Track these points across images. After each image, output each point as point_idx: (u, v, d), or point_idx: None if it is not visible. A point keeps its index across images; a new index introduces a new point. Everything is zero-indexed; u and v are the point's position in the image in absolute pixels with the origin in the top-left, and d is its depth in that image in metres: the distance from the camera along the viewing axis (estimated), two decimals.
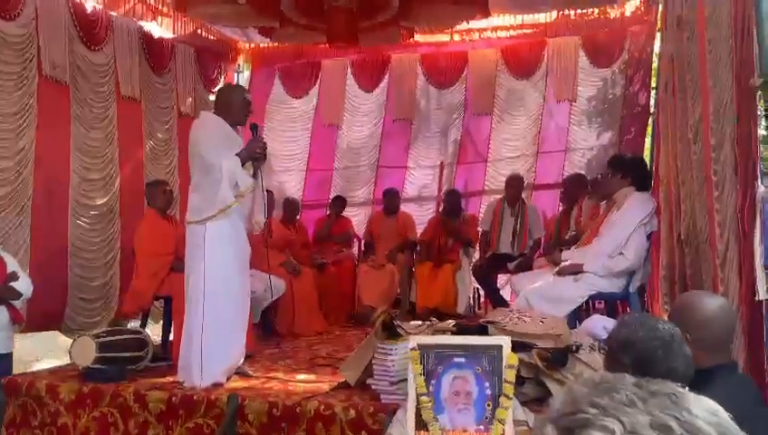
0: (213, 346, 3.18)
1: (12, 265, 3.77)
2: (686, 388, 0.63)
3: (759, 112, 2.44)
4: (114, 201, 5.31)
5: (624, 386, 0.60)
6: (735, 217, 2.48)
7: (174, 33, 5.99)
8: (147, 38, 5.73)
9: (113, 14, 5.39)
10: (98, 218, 5.18)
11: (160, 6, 5.75)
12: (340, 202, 6.44)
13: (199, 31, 6.29)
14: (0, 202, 4.40)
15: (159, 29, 5.88)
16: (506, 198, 5.74)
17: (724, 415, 0.59)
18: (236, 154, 3.28)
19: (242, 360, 3.45)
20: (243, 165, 3.30)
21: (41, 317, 4.58)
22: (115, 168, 5.35)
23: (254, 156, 3.34)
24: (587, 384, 0.61)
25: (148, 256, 4.23)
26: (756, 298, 2.27)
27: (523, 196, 5.92)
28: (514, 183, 5.73)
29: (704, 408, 0.58)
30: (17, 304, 3.73)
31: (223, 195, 3.23)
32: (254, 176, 3.40)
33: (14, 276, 3.68)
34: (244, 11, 4.84)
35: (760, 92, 2.34)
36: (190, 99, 6.27)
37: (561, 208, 5.73)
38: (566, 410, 0.59)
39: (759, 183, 2.29)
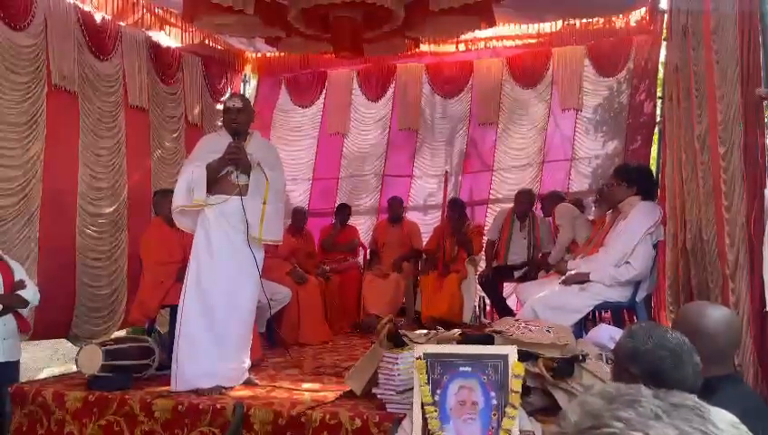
0: (184, 353, 3.24)
1: (19, 273, 3.78)
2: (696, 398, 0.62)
3: (766, 121, 2.44)
4: (122, 210, 5.34)
5: (645, 398, 0.58)
6: (745, 226, 2.48)
7: (182, 42, 6.04)
8: (155, 48, 5.77)
9: (122, 24, 5.44)
10: (105, 227, 5.20)
11: (168, 17, 5.80)
12: (345, 211, 6.45)
13: (207, 41, 6.34)
14: (8, 211, 4.42)
15: (167, 39, 5.93)
16: (516, 212, 5.72)
17: (744, 427, 0.58)
18: (207, 164, 3.30)
19: (241, 369, 3.42)
20: (216, 173, 3.31)
21: (48, 325, 4.60)
22: (123, 177, 5.38)
23: (227, 162, 3.33)
24: (603, 396, 0.60)
25: (155, 265, 4.24)
26: (765, 309, 2.26)
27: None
28: (524, 198, 5.70)
29: (726, 421, 0.57)
30: (24, 312, 3.74)
31: (176, 199, 3.34)
32: (249, 180, 3.35)
33: (21, 285, 3.69)
34: (251, 21, 4.87)
35: (766, 102, 2.35)
36: (198, 108, 6.31)
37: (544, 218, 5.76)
38: (586, 425, 0.57)
39: (767, 192, 2.28)
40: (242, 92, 7.06)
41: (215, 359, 3.27)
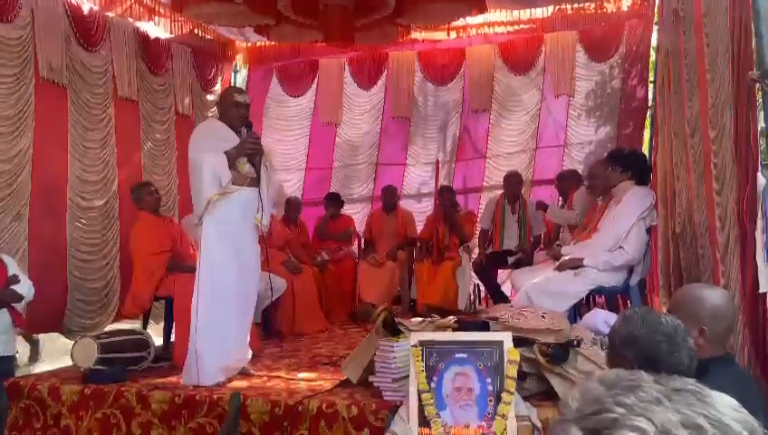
0: (207, 346, 3.21)
1: (13, 268, 3.76)
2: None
3: (758, 105, 2.45)
4: (112, 203, 5.30)
5: (646, 384, 0.58)
6: (735, 209, 2.49)
7: (170, 33, 5.97)
8: (143, 39, 5.71)
9: (110, 14, 5.37)
10: (96, 220, 5.16)
11: (157, 7, 5.72)
12: (333, 201, 6.38)
13: (196, 31, 6.27)
14: None
15: (156, 29, 5.86)
16: (506, 196, 5.74)
17: (744, 411, 0.58)
18: (225, 152, 3.29)
19: (246, 359, 3.44)
20: (234, 162, 3.30)
21: (41, 319, 4.58)
22: (113, 169, 5.34)
23: (245, 152, 3.33)
24: (604, 382, 0.60)
25: (146, 256, 4.23)
26: (758, 291, 2.28)
27: (522, 192, 5.92)
28: (513, 180, 5.73)
29: (727, 404, 0.57)
30: (18, 306, 3.73)
31: (205, 190, 3.28)
32: (257, 173, 3.39)
33: (15, 279, 3.68)
34: (241, 10, 4.83)
35: (758, 85, 2.35)
36: (188, 99, 6.25)
37: (559, 204, 5.73)
38: (588, 411, 0.57)
39: (759, 175, 2.29)
40: (232, 82, 7.01)
41: (237, 349, 3.34)
